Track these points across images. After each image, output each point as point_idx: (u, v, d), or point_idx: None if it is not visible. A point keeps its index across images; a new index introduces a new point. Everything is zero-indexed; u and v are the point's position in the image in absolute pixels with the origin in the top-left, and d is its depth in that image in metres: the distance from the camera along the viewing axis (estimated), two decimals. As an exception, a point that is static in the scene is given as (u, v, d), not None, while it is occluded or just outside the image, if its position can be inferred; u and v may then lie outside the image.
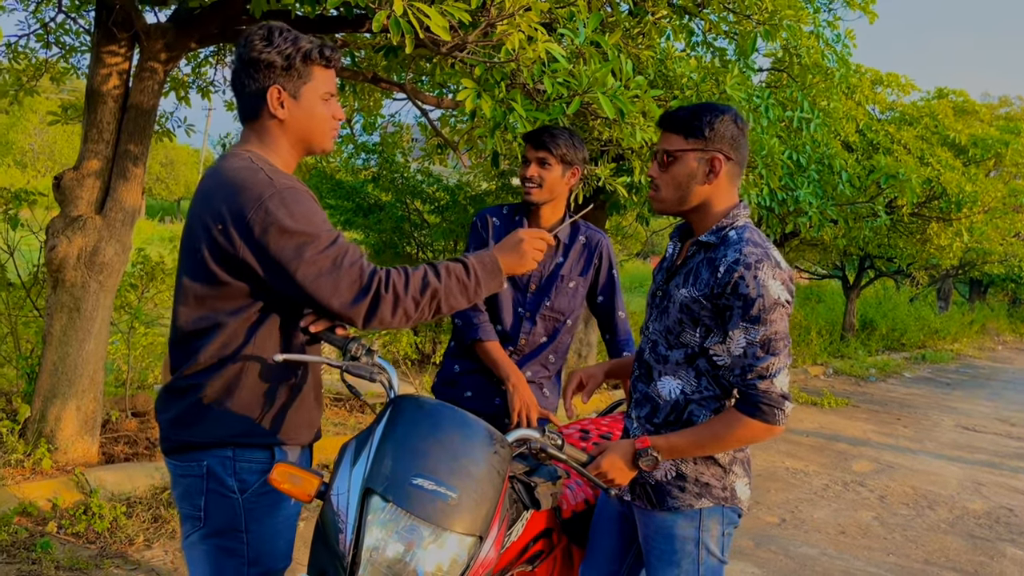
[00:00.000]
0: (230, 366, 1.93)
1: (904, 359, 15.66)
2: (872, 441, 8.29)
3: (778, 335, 2.03)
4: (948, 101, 12.02)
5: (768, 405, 2.02)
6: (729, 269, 2.04)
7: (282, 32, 1.95)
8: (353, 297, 1.86)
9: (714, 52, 6.54)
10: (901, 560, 4.97)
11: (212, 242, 1.87)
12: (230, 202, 1.85)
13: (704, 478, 2.19)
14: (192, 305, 1.94)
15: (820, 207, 7.78)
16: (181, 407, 1.96)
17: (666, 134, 2.20)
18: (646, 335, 2.32)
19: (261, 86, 1.95)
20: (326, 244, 1.85)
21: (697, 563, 2.21)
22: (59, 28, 6.22)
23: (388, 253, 9.64)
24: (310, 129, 2.02)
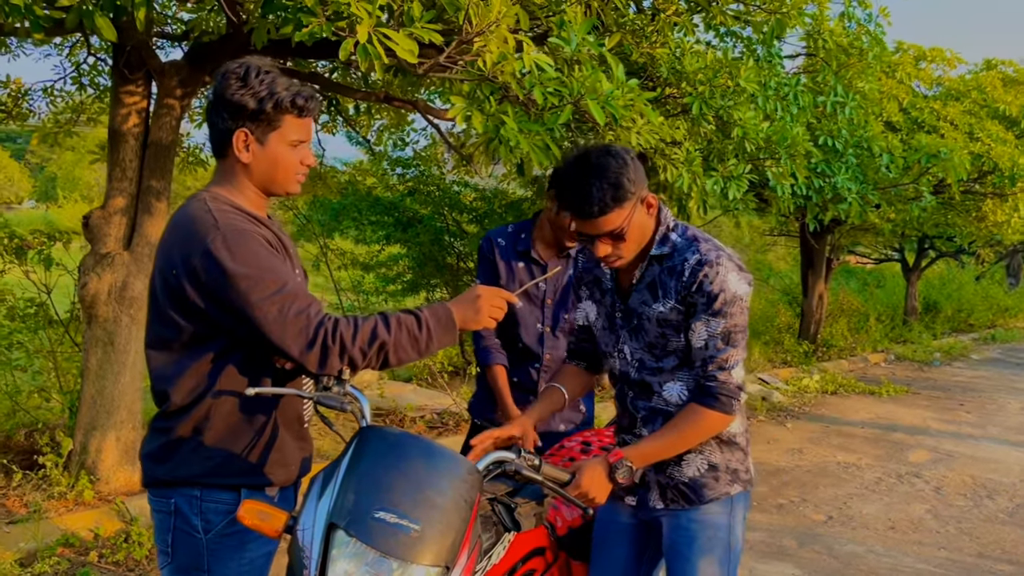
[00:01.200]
0: (198, 407, 1.95)
1: (972, 341, 15.13)
2: (931, 429, 8.03)
3: (737, 327, 2.14)
4: (997, 72, 11.57)
5: (726, 396, 2.14)
6: (693, 271, 2.13)
7: (259, 73, 1.94)
8: (301, 347, 1.85)
9: (734, 43, 6.43)
10: (953, 554, 4.80)
11: (167, 288, 1.91)
12: (180, 247, 1.89)
13: (733, 464, 2.29)
14: (158, 348, 1.97)
15: (860, 192, 7.57)
16: (155, 445, 2.01)
17: (599, 220, 2.10)
18: (621, 357, 2.33)
19: (229, 127, 1.95)
20: (272, 290, 1.85)
21: (728, 549, 2.29)
22: (92, 70, 6.44)
23: (429, 266, 9.72)
24: (272, 175, 2.02)
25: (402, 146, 8.69)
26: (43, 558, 3.91)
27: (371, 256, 10.36)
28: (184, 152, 6.72)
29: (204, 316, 1.89)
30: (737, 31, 6.42)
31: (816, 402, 9.13)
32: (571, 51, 3.40)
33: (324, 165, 8.81)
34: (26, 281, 5.24)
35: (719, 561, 2.26)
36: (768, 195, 6.77)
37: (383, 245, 10.11)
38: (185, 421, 1.95)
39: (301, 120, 1.99)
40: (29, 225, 5.77)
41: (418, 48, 2.56)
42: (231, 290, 1.84)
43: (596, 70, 3.28)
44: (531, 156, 3.41)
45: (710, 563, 2.25)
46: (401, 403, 6.97)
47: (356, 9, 2.38)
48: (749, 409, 8.42)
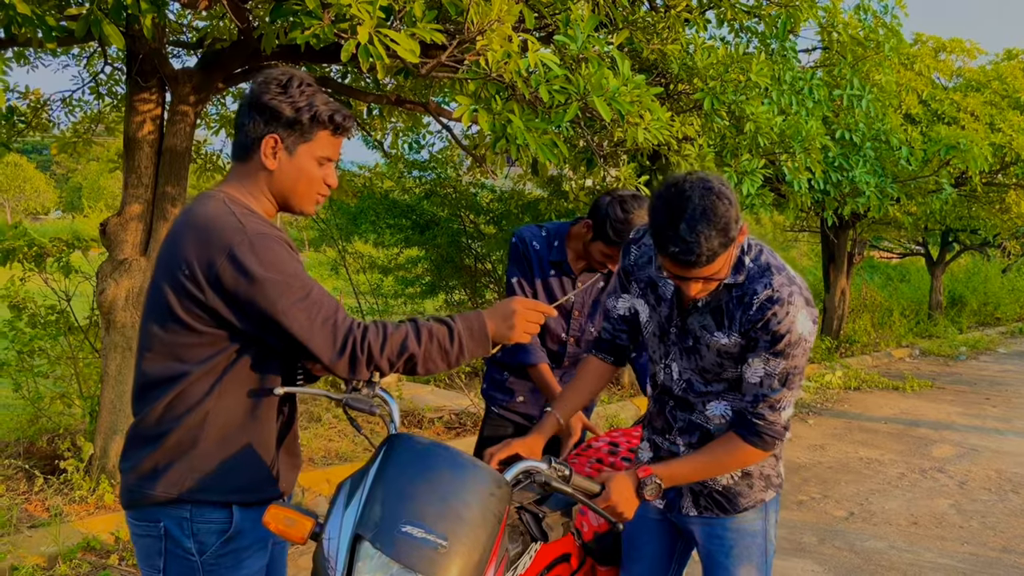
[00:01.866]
0: (192, 416, 1.85)
1: (999, 334, 14.94)
2: (956, 424, 7.93)
3: (797, 369, 2.04)
4: (1019, 62, 11.40)
5: (770, 436, 2.07)
6: (762, 307, 2.00)
7: (302, 84, 1.89)
8: (331, 355, 1.81)
9: (748, 38, 6.39)
10: (976, 549, 4.74)
11: (180, 288, 1.81)
12: (199, 248, 1.79)
13: (765, 471, 2.24)
14: (160, 352, 1.86)
15: (879, 185, 7.51)
16: (140, 458, 1.89)
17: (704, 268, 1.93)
18: (667, 372, 2.24)
19: (261, 132, 1.89)
20: (299, 296, 1.79)
21: (765, 554, 2.26)
22: (109, 79, 6.52)
23: (448, 268, 9.74)
24: (293, 187, 1.94)
25: (418, 148, 8.71)
26: (65, 561, 3.96)
27: (390, 259, 10.41)
28: (201, 159, 6.78)
29: (222, 320, 1.82)
30: (751, 26, 6.39)
31: (838, 398, 9.05)
32: (577, 49, 3.40)
33: (341, 169, 8.85)
34: (47, 289, 5.31)
35: (757, 568, 2.23)
36: (785, 190, 6.71)
37: (401, 248, 10.15)
38: (176, 432, 1.85)
39: (334, 138, 1.95)
40: (54, 235, 5.84)
41: (419, 48, 2.57)
42: (258, 296, 1.77)
43: (602, 67, 3.27)
44: (539, 154, 3.40)
45: (749, 570, 2.23)
46: (419, 404, 6.99)
47: (357, 10, 2.39)
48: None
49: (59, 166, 45.00)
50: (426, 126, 8.00)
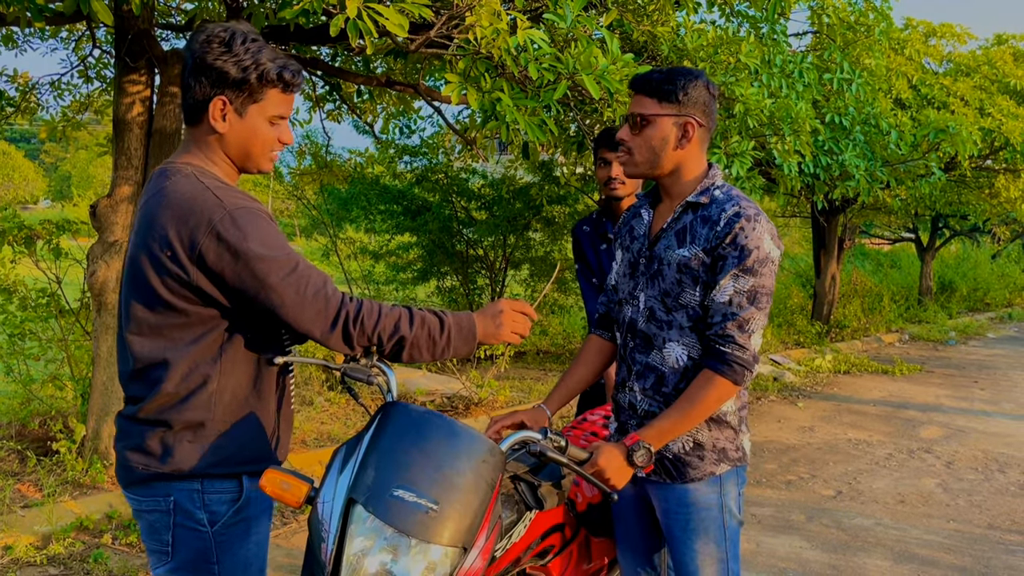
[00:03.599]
0: (198, 396, 1.83)
1: (988, 320, 15.02)
2: (944, 406, 8.00)
3: (764, 289, 2.07)
4: (1008, 47, 11.44)
5: (740, 364, 2.06)
6: (730, 221, 2.07)
7: (245, 40, 1.82)
8: (324, 328, 1.80)
9: (739, 22, 6.40)
10: (962, 526, 4.79)
11: (162, 269, 1.76)
12: (178, 227, 1.74)
13: (720, 443, 2.21)
14: (148, 335, 1.82)
15: (869, 169, 7.54)
16: (144, 438, 1.85)
17: (639, 97, 2.15)
18: (634, 304, 2.27)
19: (207, 94, 1.81)
20: (287, 270, 1.77)
21: (723, 528, 2.23)
22: (98, 63, 6.49)
23: (439, 254, 9.76)
24: (247, 148, 1.89)
25: (409, 133, 8.71)
26: (58, 540, 3.98)
27: (381, 245, 10.42)
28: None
29: (209, 299, 1.79)
30: (742, 10, 6.40)
31: (828, 382, 9.11)
32: (566, 27, 3.40)
33: (331, 153, 8.85)
34: (37, 272, 5.30)
35: (715, 540, 2.22)
36: (775, 174, 6.74)
37: (392, 234, 10.16)
38: (183, 410, 1.83)
39: (285, 95, 1.88)
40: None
41: (408, 23, 2.57)
42: (244, 271, 1.74)
43: (591, 45, 3.28)
44: (529, 133, 3.41)
45: (706, 543, 2.22)
46: (411, 388, 7.02)
47: (345, -15, 2.40)
48: (759, 389, 8.42)
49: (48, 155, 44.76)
50: (417, 111, 8.00)
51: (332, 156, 8.94)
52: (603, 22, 3.69)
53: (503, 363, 7.11)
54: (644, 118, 2.13)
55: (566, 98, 3.91)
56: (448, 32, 3.08)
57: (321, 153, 8.76)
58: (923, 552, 4.40)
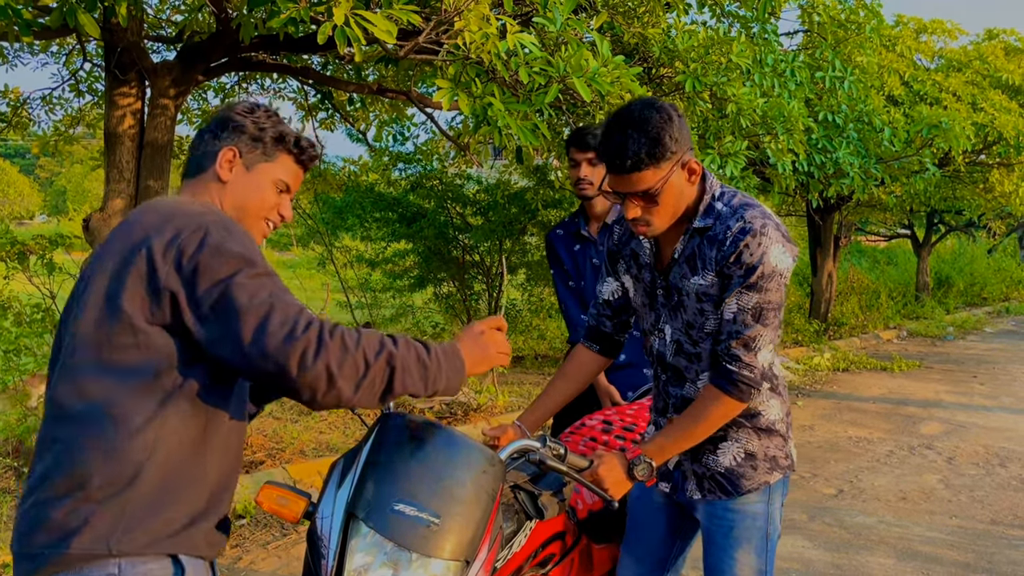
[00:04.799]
0: (130, 446, 1.51)
1: (985, 314, 15.05)
2: (944, 402, 7.99)
3: (771, 305, 1.98)
4: (999, 42, 11.46)
5: (745, 384, 1.99)
6: (735, 239, 1.96)
7: (269, 112, 1.83)
8: (285, 335, 1.46)
9: (730, 22, 6.41)
10: (965, 522, 4.78)
11: (129, 272, 1.52)
12: (159, 227, 1.54)
13: (771, 451, 2.18)
14: (87, 379, 1.52)
15: (863, 166, 7.54)
16: (49, 509, 1.50)
17: (633, 176, 1.94)
18: (660, 338, 2.20)
19: (219, 145, 1.77)
20: (262, 272, 1.54)
21: (766, 538, 2.20)
22: (89, 76, 6.48)
23: (436, 260, 9.74)
24: (245, 204, 1.77)
25: (402, 140, 8.70)
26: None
27: (377, 253, 10.40)
28: (184, 156, 6.76)
29: (172, 309, 1.51)
30: (732, 10, 6.41)
31: (827, 380, 9.10)
32: (556, 31, 3.40)
33: (325, 162, 8.83)
34: (31, 288, 5.29)
35: (756, 550, 2.18)
36: (769, 173, 6.74)
37: (388, 242, 10.14)
38: (109, 464, 1.50)
39: (296, 167, 1.84)
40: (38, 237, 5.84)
41: (396, 29, 2.56)
42: (219, 268, 1.50)
43: (581, 48, 3.28)
44: (521, 137, 3.41)
45: (747, 553, 2.18)
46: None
47: (332, -8, 2.39)
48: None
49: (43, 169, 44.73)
50: (410, 117, 8.00)
51: (326, 165, 8.92)
52: (593, 25, 3.69)
53: (501, 368, 7.09)
54: (655, 190, 1.96)
55: (558, 101, 3.90)
56: (437, 38, 3.07)
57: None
58: (926, 549, 4.39)
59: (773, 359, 2.05)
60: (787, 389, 2.21)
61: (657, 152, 1.91)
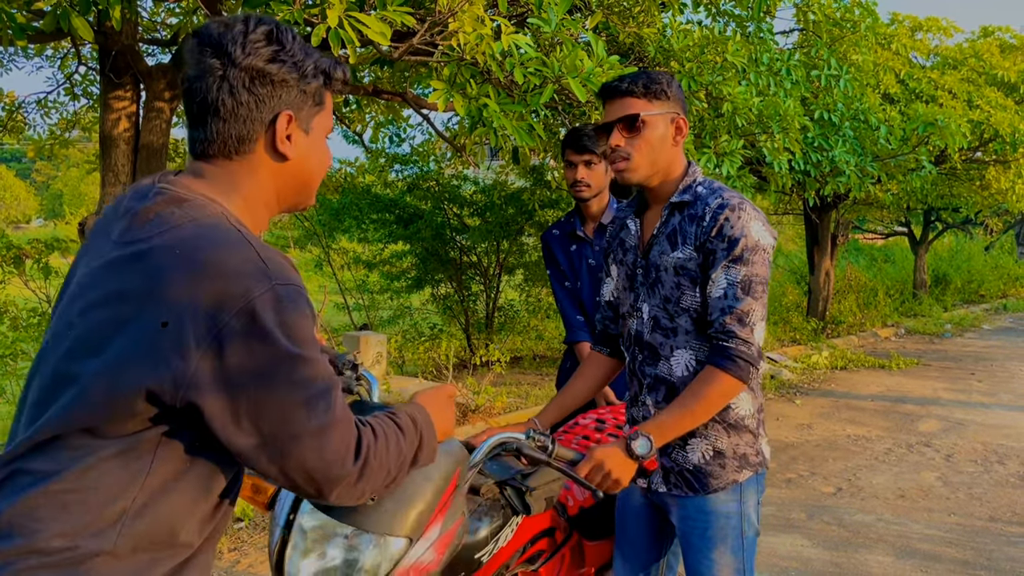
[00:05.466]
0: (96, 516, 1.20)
1: (983, 311, 15.06)
2: (942, 399, 8.00)
3: (759, 278, 2.02)
4: (995, 39, 11.47)
5: (744, 360, 1.99)
6: (714, 214, 2.03)
7: (295, 36, 1.36)
8: (336, 469, 1.27)
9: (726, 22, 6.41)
10: (963, 519, 4.78)
11: (145, 345, 1.18)
12: (195, 290, 1.18)
13: (741, 449, 2.17)
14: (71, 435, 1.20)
15: (859, 164, 7.55)
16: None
17: (625, 100, 2.09)
18: (638, 317, 2.22)
19: (271, 110, 1.33)
20: (324, 377, 1.26)
21: (741, 537, 2.19)
22: (84, 79, 6.49)
23: (433, 261, 9.75)
24: (311, 175, 1.42)
25: (399, 142, 8.70)
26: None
27: (375, 254, 10.40)
28: (180, 159, 6.76)
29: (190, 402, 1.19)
30: (728, 9, 6.41)
31: (825, 378, 9.10)
32: (551, 31, 3.40)
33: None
34: (27, 292, 5.28)
35: (732, 550, 2.18)
36: (765, 171, 6.74)
37: (386, 243, 10.15)
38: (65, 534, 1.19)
39: (331, 102, 1.46)
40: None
41: (391, 31, 2.56)
42: (277, 377, 1.21)
43: (576, 48, 3.28)
44: (516, 137, 3.41)
45: (723, 553, 2.17)
46: (407, 396, 6.99)
47: (327, -6, 2.39)
48: (758, 388, 8.40)
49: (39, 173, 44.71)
50: (406, 119, 8.00)
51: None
52: (588, 25, 3.69)
53: (499, 368, 7.09)
54: (641, 119, 2.08)
55: (553, 102, 3.90)
56: (432, 39, 3.07)
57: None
58: (925, 547, 4.39)
59: (764, 333, 2.06)
60: (760, 386, 2.22)
61: (652, 88, 2.08)
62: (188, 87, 1.34)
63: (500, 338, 9.43)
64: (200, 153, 1.36)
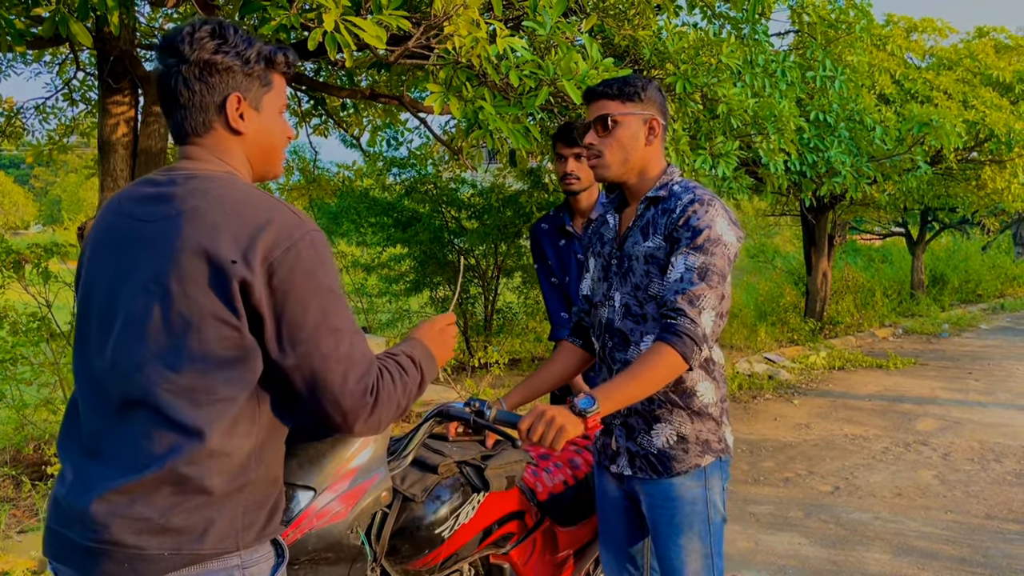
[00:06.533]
0: (243, 451, 1.50)
1: (981, 311, 15.08)
2: (939, 398, 8.02)
3: (716, 268, 2.10)
4: (990, 39, 11.50)
5: (689, 337, 2.03)
6: (684, 207, 2.16)
7: (236, 30, 1.61)
8: (359, 396, 1.52)
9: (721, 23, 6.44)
10: (960, 517, 4.81)
11: (221, 281, 1.44)
12: (252, 233, 1.45)
13: (704, 436, 2.25)
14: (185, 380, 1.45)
15: (855, 165, 7.57)
16: (168, 512, 1.44)
17: (601, 102, 2.26)
18: (610, 305, 2.31)
19: (220, 94, 1.58)
20: (349, 316, 1.54)
21: (707, 522, 2.26)
22: (82, 85, 6.50)
23: (431, 264, 9.77)
24: (271, 146, 1.67)
25: (396, 145, 8.72)
26: None
27: (373, 258, 10.42)
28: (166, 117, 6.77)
29: (257, 326, 1.48)
30: (723, 11, 6.44)
31: (823, 378, 9.13)
32: (546, 34, 3.42)
33: (319, 168, 8.85)
34: (27, 297, 5.29)
35: (699, 535, 2.25)
36: (762, 173, 6.77)
37: (384, 246, 10.16)
38: (230, 470, 1.49)
39: (283, 81, 1.70)
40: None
41: (386, 35, 2.59)
42: (311, 302, 1.48)
43: (571, 51, 3.30)
44: (512, 140, 3.43)
45: (690, 539, 2.24)
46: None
47: (323, -1, 2.42)
48: (755, 388, 8.43)
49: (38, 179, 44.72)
50: (404, 122, 8.02)
51: (320, 171, 8.95)
52: (583, 27, 3.71)
53: (498, 370, 7.11)
54: (613, 119, 2.23)
55: (549, 104, 3.93)
56: (428, 42, 3.10)
57: (309, 168, 8.76)
58: (922, 544, 4.41)
59: (714, 331, 2.09)
60: (724, 378, 2.30)
61: (626, 91, 2.23)
62: (158, 84, 1.62)
63: (498, 340, 9.44)
64: (178, 138, 1.64)
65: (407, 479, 2.06)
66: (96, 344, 1.54)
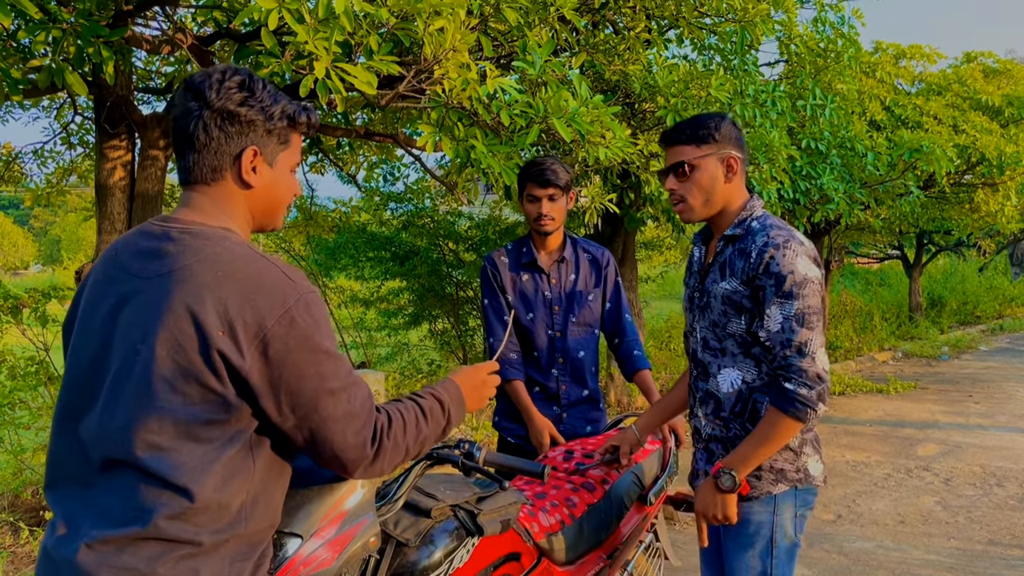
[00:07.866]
0: (232, 506, 1.52)
1: (980, 332, 15.08)
2: (940, 422, 8.01)
3: (811, 309, 2.14)
4: (977, 64, 11.63)
5: (802, 403, 2.11)
6: (760, 252, 2.18)
7: (264, 84, 1.64)
8: (360, 447, 1.57)
9: (711, 55, 6.52)
10: (963, 543, 4.78)
11: (208, 350, 1.44)
12: (242, 303, 1.46)
13: (778, 464, 2.30)
14: (170, 438, 1.46)
15: (847, 191, 7.62)
16: (146, 558, 1.44)
17: (676, 148, 2.31)
18: (693, 336, 2.45)
19: (237, 146, 1.59)
20: (345, 372, 1.56)
21: (771, 544, 2.32)
22: (80, 128, 6.56)
23: (430, 297, 9.79)
24: (276, 203, 1.69)
25: (393, 180, 8.79)
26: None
27: (371, 292, 10.44)
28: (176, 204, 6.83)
29: (248, 393, 1.49)
30: (713, 44, 6.53)
31: (823, 404, 9.10)
32: (536, 73, 3.47)
33: (316, 205, 8.91)
34: (24, 341, 5.31)
35: (760, 555, 2.31)
36: (755, 201, 6.80)
37: (382, 280, 10.19)
38: (217, 522, 1.50)
39: (299, 140, 1.74)
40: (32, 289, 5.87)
41: (376, 80, 2.63)
42: (308, 369, 1.50)
43: (561, 89, 3.35)
44: (504, 177, 3.47)
45: (752, 556, 2.31)
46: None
47: (313, 47, 2.46)
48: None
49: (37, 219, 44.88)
50: (399, 158, 8.08)
51: (317, 208, 9.00)
52: (573, 65, 3.76)
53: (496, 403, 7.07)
54: (689, 164, 2.29)
55: (540, 141, 3.97)
56: (419, 84, 3.14)
57: (306, 205, 8.82)
58: (925, 572, 4.39)
59: (824, 367, 2.16)
60: None
61: (699, 134, 2.27)
62: (174, 124, 1.62)
63: (498, 372, 9.42)
64: (184, 180, 1.65)
65: (400, 523, 2.06)
66: (84, 400, 1.55)
